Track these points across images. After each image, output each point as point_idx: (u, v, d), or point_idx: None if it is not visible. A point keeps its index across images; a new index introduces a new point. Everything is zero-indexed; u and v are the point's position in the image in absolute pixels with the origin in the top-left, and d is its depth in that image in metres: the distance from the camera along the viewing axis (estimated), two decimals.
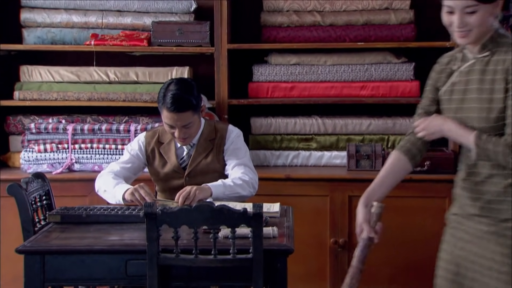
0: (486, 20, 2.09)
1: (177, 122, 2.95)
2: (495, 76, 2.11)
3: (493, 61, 2.12)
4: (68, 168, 3.81)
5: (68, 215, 2.71)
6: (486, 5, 2.07)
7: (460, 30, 2.11)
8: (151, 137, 3.15)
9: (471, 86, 2.16)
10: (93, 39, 3.86)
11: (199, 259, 2.34)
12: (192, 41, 3.86)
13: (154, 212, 2.30)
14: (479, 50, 2.15)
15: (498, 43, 2.13)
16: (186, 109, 2.94)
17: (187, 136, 3.02)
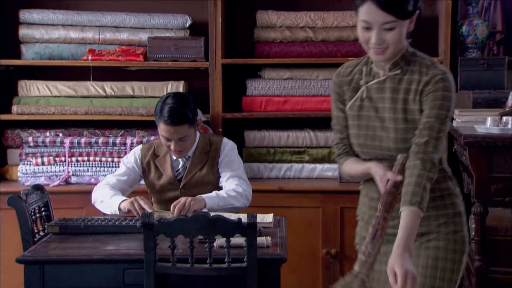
0: (402, 36, 2.06)
1: (174, 135, 3.02)
2: (408, 95, 2.09)
3: (405, 80, 2.10)
4: (65, 180, 3.88)
5: (67, 226, 2.78)
6: (404, 21, 2.04)
7: (378, 47, 2.05)
8: (147, 150, 3.22)
9: (383, 104, 2.13)
10: (90, 54, 3.93)
11: (195, 267, 2.41)
12: (187, 56, 3.94)
13: (151, 222, 2.38)
14: (390, 67, 2.12)
15: (410, 62, 2.11)
16: (182, 122, 3.01)
17: (182, 149, 3.09)
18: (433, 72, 2.08)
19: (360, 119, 2.18)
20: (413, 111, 2.08)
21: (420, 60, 2.12)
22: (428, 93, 2.07)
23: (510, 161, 3.02)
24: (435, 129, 2.05)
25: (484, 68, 3.83)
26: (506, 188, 3.03)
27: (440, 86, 2.06)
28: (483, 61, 3.86)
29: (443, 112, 2.06)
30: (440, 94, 2.06)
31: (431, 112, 2.06)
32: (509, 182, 3.03)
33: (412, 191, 2.00)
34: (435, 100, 2.06)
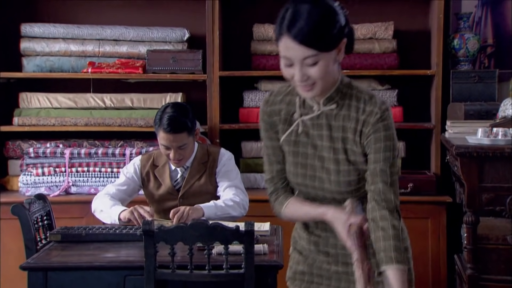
0: (330, 69, 1.85)
1: (173, 143, 3.08)
2: (346, 134, 1.93)
3: (342, 117, 1.93)
4: (65, 191, 3.94)
5: (68, 234, 2.84)
6: (328, 53, 1.83)
7: (303, 84, 1.85)
8: (146, 161, 3.28)
9: (321, 142, 1.95)
10: (90, 67, 4.01)
11: (194, 274, 2.47)
12: (185, 68, 4.02)
13: (152, 230, 2.44)
14: (325, 102, 1.93)
15: (345, 95, 1.93)
16: (181, 130, 3.07)
17: (181, 158, 3.14)
18: (370, 109, 1.90)
19: (296, 156, 1.99)
20: (354, 152, 1.93)
21: (357, 93, 1.93)
22: (369, 135, 1.90)
23: (501, 171, 3.10)
24: (387, 174, 1.90)
25: (475, 80, 3.92)
26: (496, 197, 3.11)
27: (380, 127, 1.89)
28: (474, 74, 3.94)
29: (389, 154, 1.90)
30: (381, 135, 1.89)
31: (377, 156, 1.90)
32: (500, 191, 3.10)
33: (394, 246, 1.85)
34: (377, 143, 1.90)
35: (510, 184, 3.08)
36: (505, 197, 3.09)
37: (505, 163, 3.07)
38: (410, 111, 4.09)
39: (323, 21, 1.79)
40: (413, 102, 4.14)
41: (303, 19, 1.79)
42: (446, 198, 3.80)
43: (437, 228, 3.81)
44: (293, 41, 1.80)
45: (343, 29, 1.85)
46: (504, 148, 3.06)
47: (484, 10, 4.11)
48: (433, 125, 3.94)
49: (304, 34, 1.78)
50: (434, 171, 3.95)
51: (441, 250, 3.82)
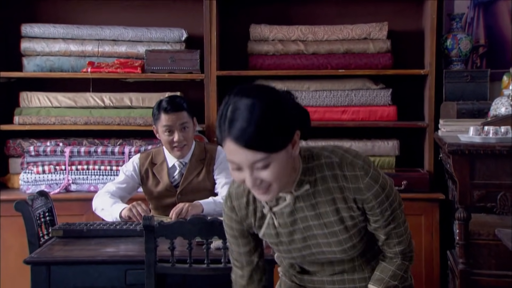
0: (285, 167, 1.65)
1: (176, 122, 3.19)
2: (335, 205, 1.76)
3: (319, 192, 1.75)
4: (65, 188, 4.00)
5: (70, 229, 2.91)
6: (279, 153, 1.62)
7: (257, 188, 1.65)
8: (145, 159, 3.35)
9: (305, 224, 1.78)
10: (89, 67, 4.07)
11: (193, 268, 2.55)
12: (183, 68, 4.08)
13: (152, 225, 2.51)
14: (296, 188, 1.75)
15: (313, 170, 1.74)
16: (181, 109, 3.21)
17: (184, 143, 3.22)
18: (351, 174, 1.72)
19: (284, 245, 1.85)
20: (353, 217, 1.78)
21: (325, 160, 1.74)
22: (367, 202, 1.75)
23: (492, 169, 3.17)
24: (400, 233, 1.81)
25: (467, 80, 3.99)
26: (487, 194, 3.18)
27: (374, 191, 1.73)
28: (466, 73, 4.02)
29: (391, 209, 1.78)
30: (380, 200, 1.75)
31: (383, 221, 1.78)
32: (491, 188, 3.17)
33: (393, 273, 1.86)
34: (380, 207, 1.76)
35: (501, 181, 3.15)
36: (496, 194, 3.16)
37: (496, 160, 3.15)
38: (404, 110, 4.16)
39: (267, 120, 1.57)
40: (407, 101, 4.21)
41: (244, 119, 1.57)
42: (439, 195, 3.87)
43: (430, 224, 3.89)
44: (236, 145, 1.58)
45: (293, 122, 1.65)
46: (495, 146, 3.13)
47: (476, 11, 4.19)
48: (426, 124, 4.02)
49: (247, 137, 1.57)
50: (428, 169, 4.02)
51: (434, 246, 3.89)
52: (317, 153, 1.75)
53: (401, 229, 1.81)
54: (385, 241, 1.83)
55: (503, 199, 3.14)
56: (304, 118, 1.73)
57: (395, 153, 4.10)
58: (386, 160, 4.10)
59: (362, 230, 1.81)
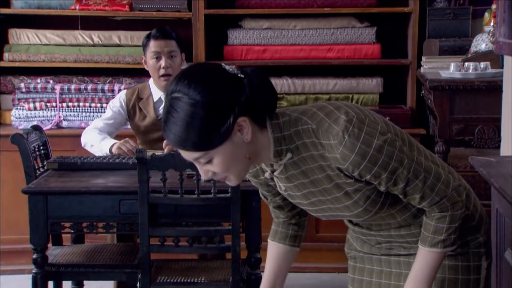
0: (234, 155, 1.56)
1: (164, 48, 3.29)
2: (324, 173, 1.63)
3: (305, 159, 1.63)
4: (57, 125, 4.08)
5: (64, 162, 3.02)
6: (219, 148, 1.54)
7: (216, 178, 1.61)
8: (131, 94, 3.44)
9: (306, 190, 1.69)
10: (77, 4, 4.10)
11: (184, 198, 2.67)
12: (171, 6, 4.12)
13: (145, 157, 2.62)
14: (276, 158, 1.64)
15: (291, 138, 1.61)
16: (170, 37, 3.32)
17: (170, 72, 3.29)
18: (326, 142, 1.58)
19: (303, 206, 1.77)
20: (349, 183, 1.63)
21: (302, 127, 1.61)
22: (351, 171, 1.59)
23: (471, 103, 3.28)
24: (416, 187, 1.62)
25: (450, 17, 4.07)
26: (466, 127, 3.30)
27: (351, 160, 1.56)
28: (449, 10, 4.09)
29: (387, 172, 1.59)
30: (363, 167, 1.57)
31: (386, 184, 1.61)
32: (469, 122, 3.30)
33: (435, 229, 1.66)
34: (370, 173, 1.58)
35: (479, 115, 3.27)
36: (474, 128, 3.28)
37: (475, 95, 3.26)
38: (388, 48, 4.24)
39: (193, 121, 1.50)
40: (391, 39, 4.28)
41: (171, 120, 1.52)
42: (420, 130, 4.00)
43: None
44: (179, 149, 1.56)
45: (229, 113, 1.52)
46: (474, 81, 3.24)
47: None
48: (409, 61, 4.11)
49: (176, 140, 1.53)
50: (410, 105, 4.14)
51: None
52: (296, 118, 1.61)
53: (415, 183, 1.60)
54: (406, 199, 1.65)
55: (481, 132, 3.26)
56: (253, 95, 1.56)
57: (378, 90, 4.20)
58: (370, 97, 4.21)
59: (370, 194, 1.64)
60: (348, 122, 1.56)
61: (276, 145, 1.62)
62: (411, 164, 1.60)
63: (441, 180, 1.63)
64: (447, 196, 1.63)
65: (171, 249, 2.81)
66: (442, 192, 1.63)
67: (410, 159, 1.60)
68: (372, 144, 1.56)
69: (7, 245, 4.01)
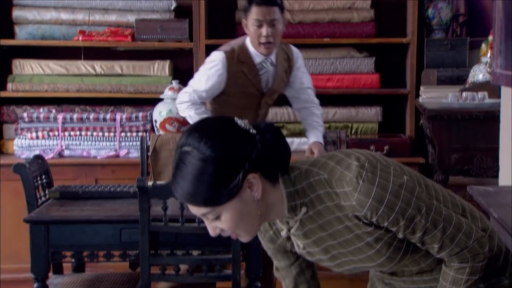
0: (243, 212, 1.53)
1: (266, 16, 3.14)
2: (342, 224, 1.58)
3: (321, 212, 1.59)
4: (59, 154, 4.10)
5: (66, 191, 3.04)
6: (227, 204, 1.51)
7: (226, 234, 1.58)
8: (231, 59, 3.26)
9: (325, 244, 1.64)
10: (80, 35, 4.15)
11: (185, 226, 2.69)
12: (173, 37, 4.18)
13: (146, 186, 2.65)
14: (290, 212, 1.60)
15: (305, 192, 1.57)
16: (274, 3, 3.16)
17: (271, 40, 3.17)
18: (341, 191, 1.54)
19: (323, 262, 1.71)
20: (369, 233, 1.57)
21: (314, 179, 1.57)
22: (370, 217, 1.54)
23: (469, 133, 3.32)
24: (435, 237, 1.55)
25: (448, 48, 4.13)
26: (464, 157, 3.34)
27: (369, 206, 1.51)
28: (447, 41, 4.16)
29: (404, 219, 1.53)
30: (381, 213, 1.52)
31: (403, 231, 1.55)
32: (468, 151, 3.33)
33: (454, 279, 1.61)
34: (388, 219, 1.53)
35: (477, 145, 3.31)
36: (472, 157, 3.32)
37: (472, 125, 3.30)
38: (387, 77, 4.29)
39: (200, 177, 1.48)
40: (390, 69, 4.34)
41: (179, 175, 1.50)
42: (419, 159, 4.02)
43: None
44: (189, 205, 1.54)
45: (238, 170, 1.49)
46: (472, 111, 3.28)
47: None
48: (408, 91, 4.16)
49: (184, 195, 1.51)
50: (409, 134, 4.17)
51: None
52: (306, 170, 1.58)
53: (434, 233, 1.54)
54: (424, 247, 1.59)
55: (479, 161, 3.29)
56: (274, 154, 1.54)
57: (378, 119, 4.24)
58: (369, 126, 4.24)
59: (391, 241, 1.58)
60: (360, 167, 1.52)
61: (290, 200, 1.58)
62: (429, 213, 1.54)
63: (462, 231, 1.56)
64: (468, 247, 1.57)
65: (171, 277, 2.81)
66: (462, 243, 1.57)
67: (428, 207, 1.54)
68: (388, 188, 1.51)
69: (8, 275, 4.01)
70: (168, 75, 4.22)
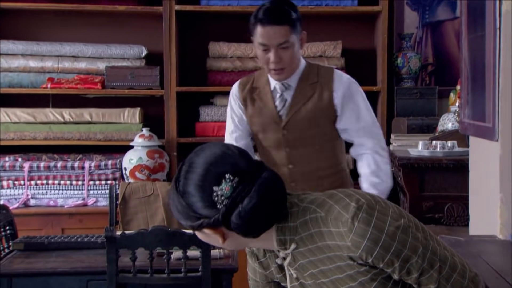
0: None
1: (273, 39, 2.52)
2: (334, 264, 1.56)
3: (312, 251, 1.58)
4: (24, 203, 4.01)
5: (31, 242, 2.95)
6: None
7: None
8: (244, 84, 2.81)
9: (318, 280, 1.62)
10: (49, 83, 4.11)
11: (154, 277, 2.62)
12: (143, 84, 4.16)
13: (114, 236, 2.58)
14: (280, 246, 1.60)
15: (297, 229, 1.58)
16: (282, 21, 2.51)
17: (283, 66, 2.59)
18: (336, 230, 1.53)
19: None
20: (362, 273, 1.55)
21: (310, 216, 1.57)
22: (364, 258, 1.52)
23: (439, 181, 3.33)
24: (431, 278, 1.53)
25: (417, 97, 4.18)
26: (435, 205, 3.34)
27: (364, 247, 1.50)
28: (416, 90, 4.21)
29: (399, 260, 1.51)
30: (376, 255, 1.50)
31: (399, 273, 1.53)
32: (439, 200, 3.33)
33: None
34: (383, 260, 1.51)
35: (448, 193, 3.32)
36: (443, 205, 3.32)
37: (443, 173, 3.31)
38: None
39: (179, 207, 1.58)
40: None
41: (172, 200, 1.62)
42: None
43: None
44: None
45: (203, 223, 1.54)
46: (442, 159, 3.29)
47: (425, 31, 4.39)
48: None
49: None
50: None
51: None
52: (304, 208, 1.58)
53: (430, 273, 1.53)
54: None
55: (450, 210, 3.30)
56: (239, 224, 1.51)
57: (349, 167, 4.23)
58: None
59: (386, 282, 1.56)
60: (357, 209, 1.51)
61: (279, 234, 1.58)
62: (425, 253, 1.53)
63: (457, 271, 1.56)
64: (463, 287, 1.56)
65: None
66: (458, 284, 1.55)
67: (424, 247, 1.53)
68: (384, 229, 1.50)
69: None
70: (139, 122, 4.19)
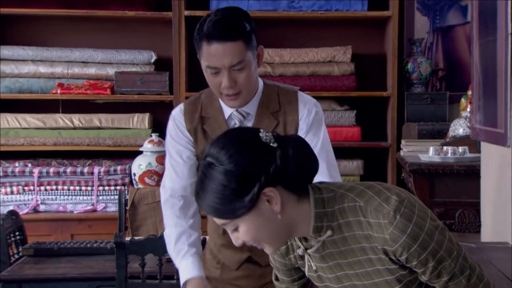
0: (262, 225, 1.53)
1: (223, 59, 1.98)
2: (365, 256, 1.55)
3: (346, 239, 1.56)
4: (34, 209, 4.01)
5: (41, 248, 2.95)
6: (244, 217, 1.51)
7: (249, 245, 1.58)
8: (191, 113, 2.19)
9: (341, 272, 1.61)
10: (59, 88, 4.11)
11: (163, 283, 2.61)
12: (153, 89, 4.16)
13: (123, 242, 2.57)
14: (315, 233, 1.56)
15: (334, 216, 1.55)
16: (234, 36, 1.97)
17: (237, 91, 2.05)
18: (375, 221, 1.51)
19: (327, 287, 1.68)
20: (391, 271, 1.55)
21: (348, 204, 1.55)
22: (399, 254, 1.51)
23: (450, 187, 3.30)
24: (460, 284, 1.53)
25: (428, 102, 4.16)
26: (446, 211, 3.30)
27: (402, 242, 1.48)
28: (427, 95, 4.19)
29: (434, 260, 1.50)
30: (413, 251, 1.49)
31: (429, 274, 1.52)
32: (450, 206, 3.30)
33: None
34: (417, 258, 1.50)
35: (459, 199, 3.28)
36: (454, 211, 3.29)
37: (454, 179, 3.27)
38: (368, 130, 4.29)
39: (220, 187, 1.49)
40: (371, 122, 4.34)
41: (201, 185, 1.52)
42: None
43: None
44: None
45: (258, 183, 1.48)
46: (453, 165, 3.26)
47: (435, 36, 4.37)
48: (389, 144, 4.16)
49: (201, 205, 1.54)
50: None
51: None
52: (342, 194, 1.56)
53: (459, 279, 1.52)
54: None
55: (461, 216, 3.26)
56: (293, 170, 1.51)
57: (359, 172, 4.22)
58: (351, 180, 4.21)
59: (410, 285, 1.56)
60: (399, 203, 1.49)
61: (317, 221, 1.55)
62: (458, 257, 1.53)
63: (483, 282, 1.56)
64: None
65: None
66: None
67: (458, 252, 1.53)
68: (424, 227, 1.49)
69: None
70: (148, 128, 4.18)
